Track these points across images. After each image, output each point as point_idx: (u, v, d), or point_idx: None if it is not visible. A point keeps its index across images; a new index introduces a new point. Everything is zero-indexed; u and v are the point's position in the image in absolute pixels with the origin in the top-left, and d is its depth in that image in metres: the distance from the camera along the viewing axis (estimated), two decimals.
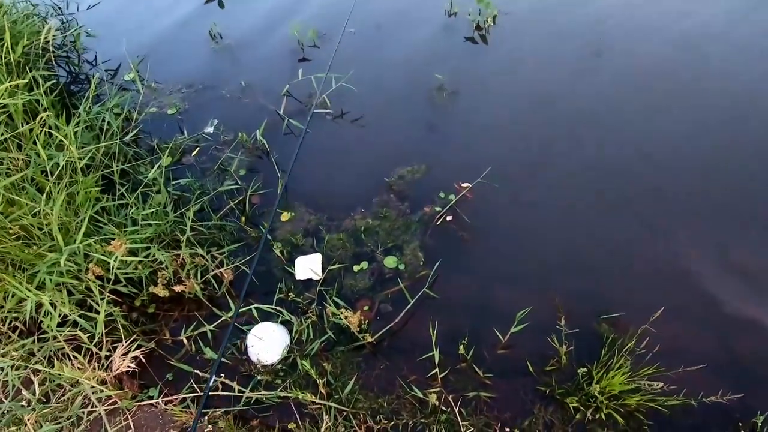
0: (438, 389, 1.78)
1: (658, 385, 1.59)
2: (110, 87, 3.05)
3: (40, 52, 2.96)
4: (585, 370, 1.72)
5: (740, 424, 1.62)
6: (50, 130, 2.21)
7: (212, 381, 1.70)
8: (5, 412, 1.79)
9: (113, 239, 1.95)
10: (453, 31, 3.29)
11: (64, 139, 2.12)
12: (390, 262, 2.16)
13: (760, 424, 1.59)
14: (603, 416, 1.66)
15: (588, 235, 2.18)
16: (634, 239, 2.13)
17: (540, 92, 2.79)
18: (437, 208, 2.32)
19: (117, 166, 2.36)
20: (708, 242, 2.08)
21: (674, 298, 1.88)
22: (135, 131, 2.64)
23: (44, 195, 1.99)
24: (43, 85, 2.43)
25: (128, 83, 3.17)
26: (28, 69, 2.73)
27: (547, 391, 1.75)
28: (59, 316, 1.87)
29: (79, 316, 1.90)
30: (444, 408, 1.74)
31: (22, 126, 2.27)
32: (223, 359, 1.92)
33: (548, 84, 2.83)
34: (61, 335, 1.88)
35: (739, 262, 1.99)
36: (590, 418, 1.67)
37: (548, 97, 2.75)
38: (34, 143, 2.15)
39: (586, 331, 1.86)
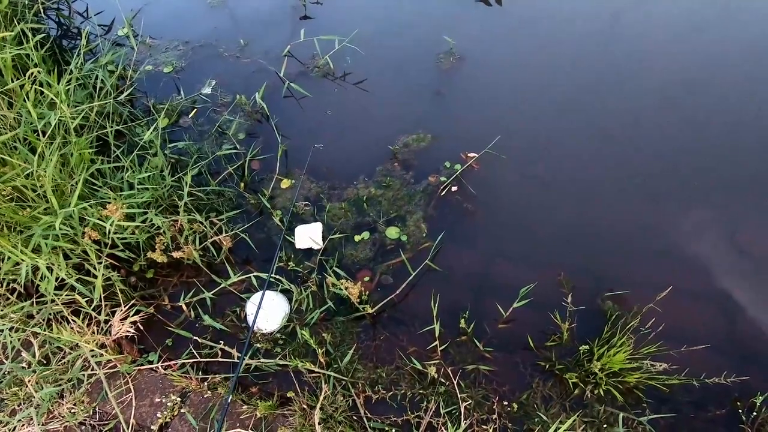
0: (437, 361, 1.77)
1: (660, 366, 1.57)
2: (103, 42, 2.92)
3: (28, 2, 2.80)
4: (586, 347, 1.70)
5: (738, 403, 1.62)
6: (41, 88, 2.12)
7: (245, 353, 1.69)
8: (6, 372, 1.80)
9: (109, 203, 1.90)
10: None
11: (55, 98, 2.03)
12: (392, 232, 2.12)
13: (758, 404, 1.59)
14: (602, 392, 1.66)
15: (596, 211, 2.13)
16: (643, 217, 2.07)
17: (553, 61, 2.65)
18: (442, 178, 2.26)
19: (112, 127, 2.27)
20: (720, 222, 2.02)
21: (681, 277, 1.85)
22: (130, 90, 2.55)
23: (36, 155, 1.92)
24: (32, 39, 2.31)
25: (122, 39, 3.03)
26: (15, 21, 2.59)
27: (547, 366, 1.75)
28: (56, 279, 1.84)
29: (77, 280, 1.88)
30: (443, 380, 1.75)
31: (12, 82, 2.17)
32: (222, 326, 1.92)
33: (562, 53, 2.69)
34: (59, 299, 1.87)
35: (749, 245, 1.94)
36: (589, 394, 1.67)
37: (562, 67, 2.62)
38: (25, 101, 2.07)
39: (589, 308, 1.84)
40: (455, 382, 1.72)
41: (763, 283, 1.84)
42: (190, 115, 2.63)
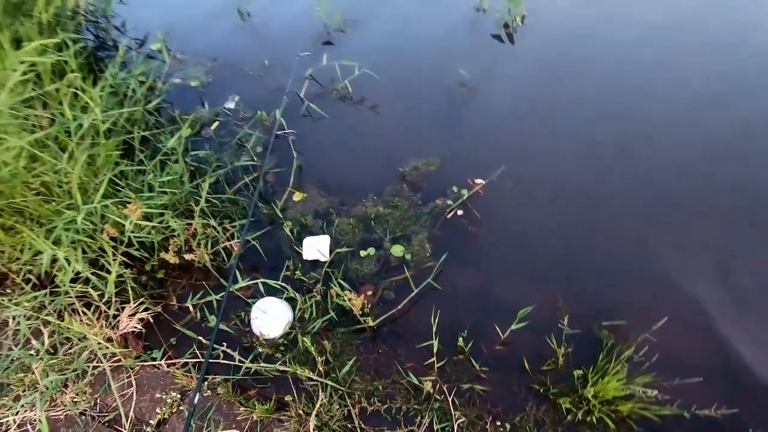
0: (433, 378, 1.80)
1: (652, 392, 1.59)
2: (137, 55, 3.09)
3: (71, 15, 3.00)
4: (581, 372, 1.73)
5: None
6: (76, 92, 2.25)
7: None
8: (14, 359, 1.85)
9: (129, 203, 2.00)
10: (480, 28, 3.28)
11: (89, 101, 2.16)
12: (397, 250, 2.18)
13: None
14: (594, 420, 1.68)
15: (597, 241, 2.18)
16: (644, 249, 2.13)
17: (560, 97, 2.77)
18: (449, 202, 2.34)
19: (138, 133, 2.40)
20: (720, 258, 2.07)
21: (678, 309, 1.88)
22: (158, 100, 2.68)
23: (66, 154, 2.04)
24: (72, 47, 2.47)
25: (155, 53, 3.20)
26: (58, 30, 2.77)
27: (541, 390, 1.77)
28: (72, 272, 1.92)
29: (91, 274, 1.95)
30: (438, 396, 1.77)
31: (50, 85, 2.31)
32: (226, 329, 1.97)
33: (569, 90, 2.81)
34: (72, 291, 1.94)
35: (749, 280, 1.98)
36: (581, 420, 1.69)
37: (568, 103, 2.74)
38: (60, 103, 2.20)
39: (586, 334, 1.87)
40: (450, 399, 1.75)
41: (757, 317, 1.87)
42: (212, 127, 2.76)
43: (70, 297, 1.94)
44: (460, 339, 1.87)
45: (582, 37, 3.12)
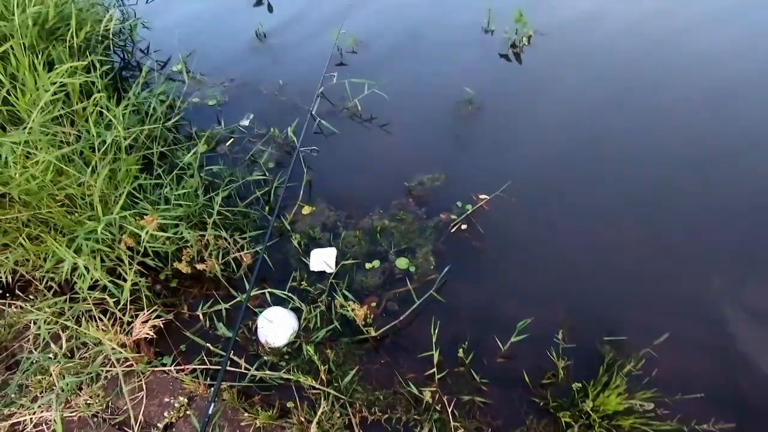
0: (434, 389, 1.83)
1: (649, 406, 1.59)
2: (158, 76, 3.26)
3: (100, 38, 3.19)
4: (580, 386, 1.73)
5: None
6: (101, 110, 2.40)
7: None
8: (34, 362, 1.95)
9: (146, 215, 2.11)
10: (488, 48, 3.36)
11: (113, 119, 2.30)
12: (401, 263, 2.23)
13: None
14: None
15: (600, 257, 2.20)
16: (647, 265, 2.13)
17: (566, 116, 2.82)
18: (453, 216, 2.38)
19: (157, 149, 2.53)
20: (724, 274, 2.06)
21: (681, 325, 1.87)
22: (177, 118, 2.82)
23: (90, 168, 2.16)
24: (99, 69, 2.64)
25: (175, 74, 3.37)
26: (87, 53, 2.96)
27: (541, 404, 1.78)
28: (91, 280, 2.02)
29: (109, 282, 2.05)
30: (437, 407, 1.79)
31: (77, 104, 2.47)
32: (235, 337, 2.03)
33: (575, 109, 2.86)
34: (90, 298, 2.04)
35: (751, 297, 1.96)
36: None
37: (574, 123, 2.78)
38: (86, 121, 2.34)
39: (586, 349, 1.88)
40: (450, 411, 1.77)
41: (763, 336, 1.85)
42: (227, 144, 2.89)
43: (88, 304, 2.04)
44: (461, 351, 1.90)
45: (588, 55, 3.18)
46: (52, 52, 2.73)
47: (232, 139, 2.91)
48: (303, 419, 1.76)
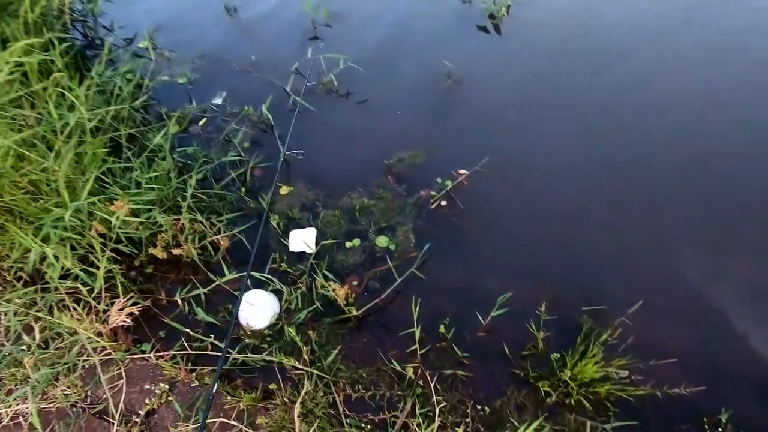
0: (416, 365, 1.84)
1: (624, 374, 1.63)
2: (124, 53, 3.11)
3: (57, 14, 3.01)
4: (559, 356, 1.77)
5: (705, 419, 1.67)
6: (63, 91, 2.28)
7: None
8: (6, 354, 1.90)
9: (117, 200, 2.03)
10: (466, 19, 3.29)
11: (75, 101, 2.18)
12: (382, 241, 2.22)
13: (724, 420, 1.64)
14: (573, 402, 1.72)
15: (578, 229, 2.22)
16: (625, 236, 2.16)
17: (546, 88, 2.79)
18: (433, 193, 2.37)
19: (125, 131, 2.42)
20: (698, 243, 2.11)
21: (655, 293, 1.92)
22: (145, 97, 2.70)
23: (53, 153, 2.07)
24: (58, 47, 2.49)
25: (142, 50, 3.22)
26: (44, 29, 2.79)
27: (522, 375, 1.81)
28: (61, 269, 1.96)
29: (81, 270, 1.99)
30: (420, 383, 1.81)
31: (37, 85, 2.34)
32: (213, 321, 2.01)
33: (555, 81, 2.83)
34: (62, 287, 1.98)
35: (724, 265, 2.01)
36: (560, 402, 1.73)
37: (553, 94, 2.76)
38: (47, 102, 2.22)
39: (565, 320, 1.91)
40: (432, 385, 1.79)
41: (736, 302, 1.91)
42: (200, 123, 2.79)
43: (60, 293, 1.98)
44: (443, 327, 1.91)
45: (567, 27, 3.14)
46: (5, 29, 2.56)
47: (204, 119, 2.81)
48: (287, 400, 1.77)
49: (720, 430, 1.63)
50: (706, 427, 1.65)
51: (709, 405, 1.67)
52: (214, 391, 1.62)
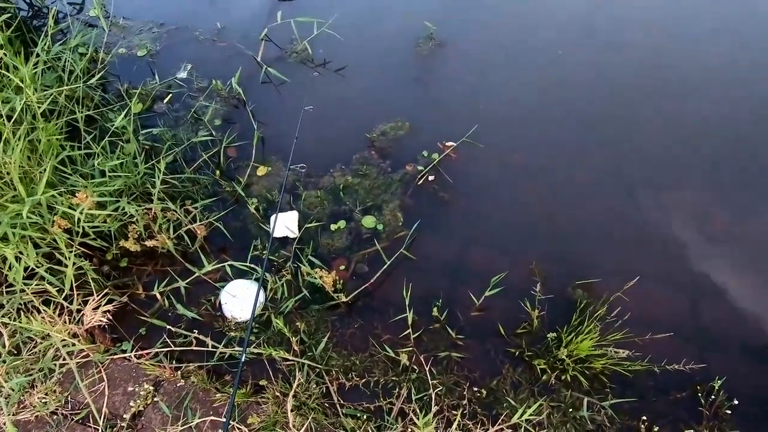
0: (410, 349, 1.80)
1: (623, 352, 1.62)
2: (74, 23, 2.82)
3: None
4: (554, 334, 1.74)
5: (698, 387, 1.68)
6: (6, 72, 2.05)
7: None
8: None
9: (79, 191, 1.87)
10: None
11: (20, 83, 1.97)
12: (368, 221, 2.12)
13: (717, 387, 1.65)
14: (569, 378, 1.71)
15: (570, 201, 2.15)
16: (616, 207, 2.11)
17: (534, 51, 2.65)
18: (419, 168, 2.26)
19: (82, 112, 2.22)
20: (689, 212, 2.07)
21: (650, 267, 1.89)
22: (101, 74, 2.47)
23: (1, 142, 1.87)
24: None
25: (94, 19, 2.94)
26: None
27: (517, 353, 1.79)
28: (25, 269, 1.82)
29: (47, 269, 1.85)
30: (415, 367, 1.77)
31: None
32: (196, 316, 1.91)
33: (543, 42, 2.68)
34: (29, 288, 1.84)
35: (717, 234, 1.99)
36: (556, 379, 1.72)
37: (541, 57, 2.62)
38: None
39: (560, 296, 1.88)
40: (427, 369, 1.75)
41: (729, 273, 1.90)
42: (165, 101, 2.58)
43: (27, 295, 1.84)
44: (435, 309, 1.86)
45: None
46: None
47: (170, 95, 2.60)
48: (278, 393, 1.71)
49: (713, 397, 1.64)
50: (699, 395, 1.66)
51: (703, 373, 1.68)
52: (233, 401, 1.52)
